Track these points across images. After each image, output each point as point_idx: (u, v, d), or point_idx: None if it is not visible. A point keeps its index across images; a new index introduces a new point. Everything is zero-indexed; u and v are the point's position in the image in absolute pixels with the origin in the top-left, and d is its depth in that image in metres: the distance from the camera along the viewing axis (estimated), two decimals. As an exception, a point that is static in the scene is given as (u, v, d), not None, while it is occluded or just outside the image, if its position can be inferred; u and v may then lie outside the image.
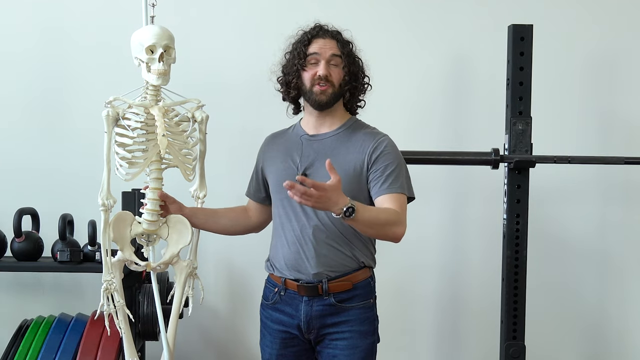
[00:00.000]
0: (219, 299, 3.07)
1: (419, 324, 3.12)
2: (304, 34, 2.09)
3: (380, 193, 2.01)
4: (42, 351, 2.54)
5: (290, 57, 2.10)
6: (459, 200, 3.08)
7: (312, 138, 2.11)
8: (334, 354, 2.06)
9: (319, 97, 2.03)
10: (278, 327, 2.12)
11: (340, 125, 2.11)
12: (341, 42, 2.06)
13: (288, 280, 2.07)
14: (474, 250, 3.08)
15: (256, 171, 2.25)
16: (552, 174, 2.94)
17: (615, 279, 3.12)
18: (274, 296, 2.12)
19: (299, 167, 2.06)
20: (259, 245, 2.93)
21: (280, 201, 2.10)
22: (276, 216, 2.13)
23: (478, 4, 3.02)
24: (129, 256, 2.06)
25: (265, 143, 2.24)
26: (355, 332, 2.06)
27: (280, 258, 2.10)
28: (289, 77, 2.10)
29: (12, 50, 2.96)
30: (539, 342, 3.00)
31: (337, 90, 2.05)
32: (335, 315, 2.05)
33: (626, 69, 3.05)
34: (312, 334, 2.08)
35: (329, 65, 2.04)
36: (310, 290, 2.04)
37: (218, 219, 2.23)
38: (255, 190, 2.25)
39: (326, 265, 2.03)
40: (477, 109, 3.04)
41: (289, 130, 2.20)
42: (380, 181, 2.01)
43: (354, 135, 2.08)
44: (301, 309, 2.06)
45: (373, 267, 2.14)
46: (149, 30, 2.06)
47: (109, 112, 2.02)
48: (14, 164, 2.97)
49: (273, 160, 2.15)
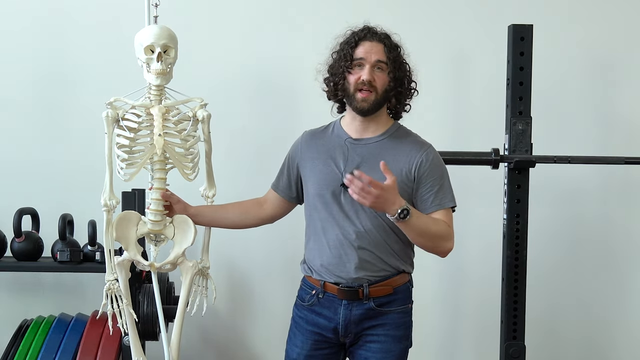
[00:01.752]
0: (219, 299, 3.05)
1: (418, 323, 3.08)
2: (351, 35, 2.04)
3: (432, 209, 2.02)
4: (42, 351, 2.54)
5: (337, 58, 2.06)
6: (458, 200, 3.06)
7: (356, 142, 2.06)
8: (366, 356, 2.06)
9: (361, 104, 2.00)
10: (312, 328, 2.09)
11: (384, 131, 2.07)
12: (388, 46, 2.02)
13: (327, 283, 2.05)
14: (474, 250, 3.08)
15: (289, 167, 2.19)
16: (552, 174, 2.95)
17: (615, 279, 3.12)
18: (311, 298, 2.09)
19: (343, 172, 2.01)
20: (259, 245, 2.95)
21: (321, 205, 2.05)
22: (317, 220, 2.07)
23: (478, 4, 3.02)
24: (134, 255, 2.06)
25: (304, 141, 2.16)
26: (390, 337, 2.05)
27: (320, 261, 2.06)
28: (335, 78, 2.05)
29: (13, 50, 2.96)
30: (539, 342, 3.01)
31: (380, 96, 2.01)
32: (373, 318, 2.04)
33: (626, 68, 3.05)
34: (349, 337, 2.06)
35: (374, 70, 2.00)
36: (350, 294, 2.02)
37: (226, 214, 2.21)
38: (285, 186, 2.19)
39: (367, 270, 2.02)
40: (477, 109, 3.04)
41: (329, 131, 2.14)
42: (432, 197, 2.02)
43: (400, 143, 2.06)
44: (340, 312, 2.04)
45: (411, 272, 2.13)
46: (149, 30, 2.07)
47: (108, 113, 2.02)
48: (14, 164, 2.97)
49: (313, 162, 2.09)
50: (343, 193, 2.00)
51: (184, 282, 2.14)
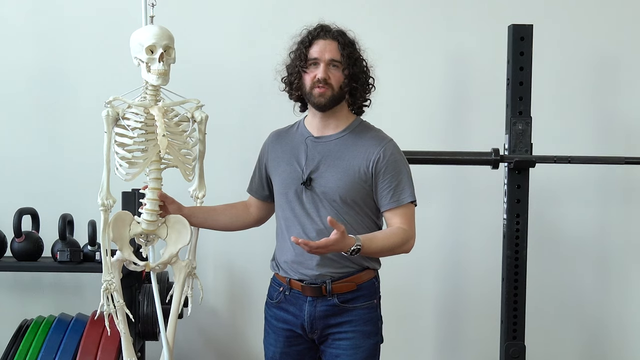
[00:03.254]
0: (218, 298, 3.07)
1: (418, 323, 3.12)
2: (306, 35, 2.07)
3: (389, 206, 2.03)
4: (42, 351, 2.54)
5: (293, 58, 2.10)
6: (459, 200, 3.08)
7: (317, 140, 2.09)
8: (337, 354, 2.07)
9: (318, 99, 2.03)
10: (282, 325, 2.12)
11: (345, 128, 2.09)
12: (342, 43, 2.04)
13: (293, 280, 2.08)
14: (474, 250, 3.08)
15: (259, 168, 2.24)
16: (552, 174, 2.94)
17: (615, 279, 3.12)
18: (278, 295, 2.12)
19: (304, 170, 2.05)
20: (258, 244, 2.94)
21: (285, 204, 2.09)
22: (281, 219, 2.12)
23: (478, 4, 3.02)
24: (128, 256, 2.06)
25: (270, 141, 2.22)
26: (358, 332, 2.06)
27: (285, 259, 2.10)
28: (292, 77, 2.10)
29: (12, 51, 2.96)
30: (539, 342, 3.00)
31: (337, 92, 2.03)
32: (339, 315, 2.05)
33: (626, 68, 3.05)
34: (316, 334, 2.08)
35: (329, 68, 2.03)
36: (314, 290, 2.04)
37: (218, 217, 2.23)
38: (258, 187, 2.24)
39: (329, 267, 2.03)
40: (477, 109, 3.04)
41: (293, 130, 2.18)
42: (390, 194, 2.03)
43: (360, 139, 2.07)
44: (305, 309, 2.06)
45: (378, 268, 2.14)
46: (149, 30, 2.06)
47: (108, 112, 2.02)
48: (14, 164, 2.98)
49: (278, 162, 2.14)
50: (304, 192, 2.04)
51: (177, 282, 2.15)
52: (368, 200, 2.05)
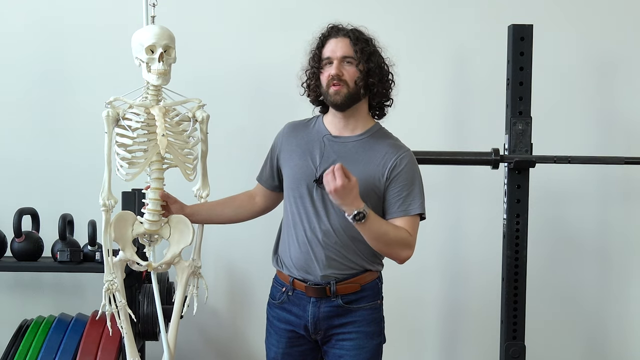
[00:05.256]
0: (219, 298, 3.07)
1: (419, 324, 3.12)
2: (319, 36, 2.08)
3: (396, 215, 2.02)
4: (42, 351, 2.54)
5: (308, 60, 2.10)
6: (459, 200, 3.08)
7: (335, 139, 2.08)
8: (340, 354, 2.07)
9: (334, 97, 2.01)
10: (285, 326, 2.11)
11: (364, 131, 2.08)
12: (354, 39, 2.03)
13: (296, 280, 2.07)
14: (474, 250, 3.08)
15: (271, 158, 2.21)
16: (552, 174, 2.95)
17: (615, 279, 3.12)
18: (281, 295, 2.11)
19: (318, 167, 2.04)
20: (259, 244, 2.95)
21: (294, 198, 2.08)
22: (288, 213, 2.11)
23: (478, 4, 3.03)
24: (131, 256, 2.06)
25: (285, 133, 2.18)
26: (362, 333, 2.06)
27: (289, 256, 2.09)
28: (309, 80, 2.11)
29: (12, 50, 2.96)
30: (539, 342, 3.01)
31: (352, 89, 2.02)
32: (343, 316, 2.05)
33: (626, 68, 3.05)
34: (319, 334, 2.08)
35: (342, 64, 2.02)
36: (318, 291, 2.04)
37: (221, 211, 2.22)
38: (268, 177, 2.22)
39: (334, 268, 2.03)
40: (477, 109, 3.04)
41: (311, 125, 2.15)
42: (398, 202, 2.02)
43: (377, 145, 2.06)
44: (308, 309, 2.06)
45: (380, 270, 2.14)
46: (149, 30, 2.06)
47: (109, 112, 2.02)
48: (14, 163, 2.97)
49: (291, 155, 2.12)
50: (315, 189, 2.03)
51: (180, 282, 2.15)
52: (377, 208, 2.02)
